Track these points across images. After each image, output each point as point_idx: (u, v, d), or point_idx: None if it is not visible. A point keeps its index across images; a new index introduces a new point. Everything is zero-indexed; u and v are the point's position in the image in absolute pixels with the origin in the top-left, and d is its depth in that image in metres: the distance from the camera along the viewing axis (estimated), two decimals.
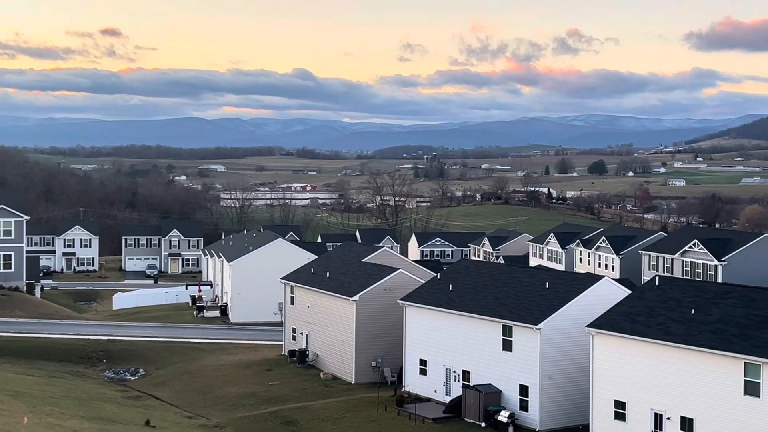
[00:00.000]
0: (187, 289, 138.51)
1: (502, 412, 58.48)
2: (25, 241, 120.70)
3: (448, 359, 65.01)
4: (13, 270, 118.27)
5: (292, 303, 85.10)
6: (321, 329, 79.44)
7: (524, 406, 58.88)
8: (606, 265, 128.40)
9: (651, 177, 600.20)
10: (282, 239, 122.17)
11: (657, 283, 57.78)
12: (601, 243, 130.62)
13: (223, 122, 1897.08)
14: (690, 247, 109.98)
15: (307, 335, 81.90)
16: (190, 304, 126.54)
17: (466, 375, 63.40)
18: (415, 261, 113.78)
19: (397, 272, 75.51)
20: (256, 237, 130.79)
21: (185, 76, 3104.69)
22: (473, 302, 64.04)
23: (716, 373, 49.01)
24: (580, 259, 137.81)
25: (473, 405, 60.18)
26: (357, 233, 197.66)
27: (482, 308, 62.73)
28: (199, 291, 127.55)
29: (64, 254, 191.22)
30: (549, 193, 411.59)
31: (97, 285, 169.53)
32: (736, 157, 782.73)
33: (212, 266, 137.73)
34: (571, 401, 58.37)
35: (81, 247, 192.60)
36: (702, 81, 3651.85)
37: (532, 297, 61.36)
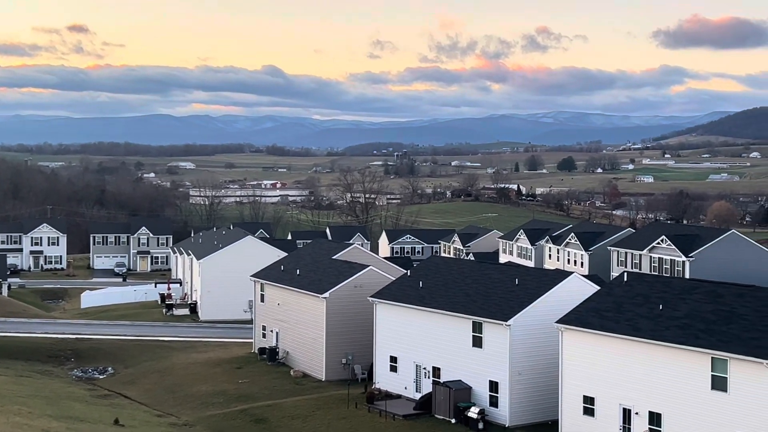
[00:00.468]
0: (156, 287, 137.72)
1: (472, 409, 58.66)
2: None
3: (418, 356, 65.11)
4: None
5: (262, 300, 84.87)
6: (291, 327, 79.29)
7: (494, 402, 59.10)
8: (575, 262, 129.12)
9: (619, 173, 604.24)
10: (252, 237, 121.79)
11: (625, 279, 58.19)
12: (570, 239, 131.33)
13: (192, 119, 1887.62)
14: (658, 243, 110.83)
15: (277, 333, 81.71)
16: (159, 302, 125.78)
17: (436, 371, 63.53)
18: (386, 258, 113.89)
19: (367, 269, 75.51)
20: (225, 234, 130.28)
21: (153, 73, 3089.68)
22: (443, 299, 64.18)
23: (684, 368, 49.44)
24: (550, 255, 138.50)
25: (443, 401, 60.32)
26: (327, 230, 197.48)
27: (452, 305, 62.88)
28: (169, 289, 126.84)
29: (31, 252, 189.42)
30: (519, 189, 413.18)
31: (65, 283, 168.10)
32: (704, 153, 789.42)
33: (181, 264, 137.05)
34: (541, 397, 58.67)
35: (48, 245, 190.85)
36: (670, 78, 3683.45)
37: (501, 293, 61.59)
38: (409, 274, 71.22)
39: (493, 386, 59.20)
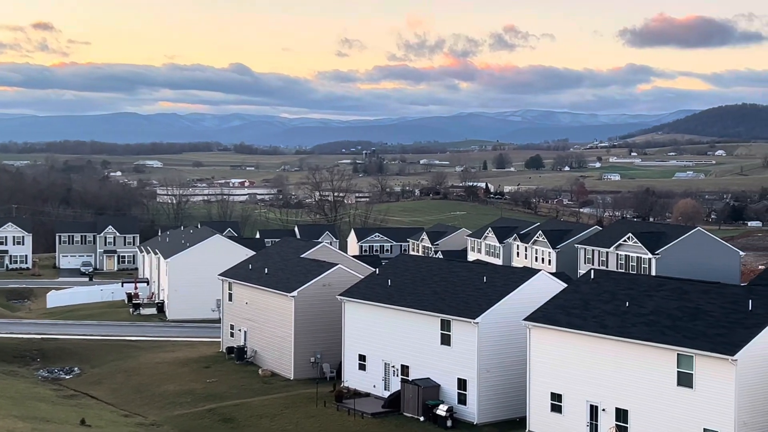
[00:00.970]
0: (123, 286, 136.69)
1: (441, 406, 58.79)
2: None
3: (387, 354, 65.16)
4: None
5: (230, 299, 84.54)
6: (259, 325, 79.05)
7: (462, 399, 59.27)
8: (543, 259, 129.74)
9: (587, 172, 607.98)
10: (219, 235, 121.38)
11: (592, 277, 58.57)
12: (537, 237, 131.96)
13: (159, 117, 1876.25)
14: (624, 241, 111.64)
15: (245, 332, 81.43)
16: (126, 302, 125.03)
17: (405, 369, 63.60)
18: (354, 256, 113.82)
19: (335, 268, 75.43)
20: (193, 233, 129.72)
21: (120, 71, 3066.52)
22: (412, 297, 64.26)
23: (650, 364, 49.83)
24: (518, 253, 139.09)
25: (412, 399, 60.41)
26: (296, 229, 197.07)
27: (421, 303, 62.98)
28: (135, 288, 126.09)
29: None
30: (487, 188, 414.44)
31: (31, 283, 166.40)
32: (670, 151, 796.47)
33: (149, 263, 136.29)
34: (509, 394, 58.94)
35: (14, 244, 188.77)
36: (636, 77, 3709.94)
37: (470, 291, 61.77)
38: (377, 272, 71.25)
39: (462, 384, 59.37)
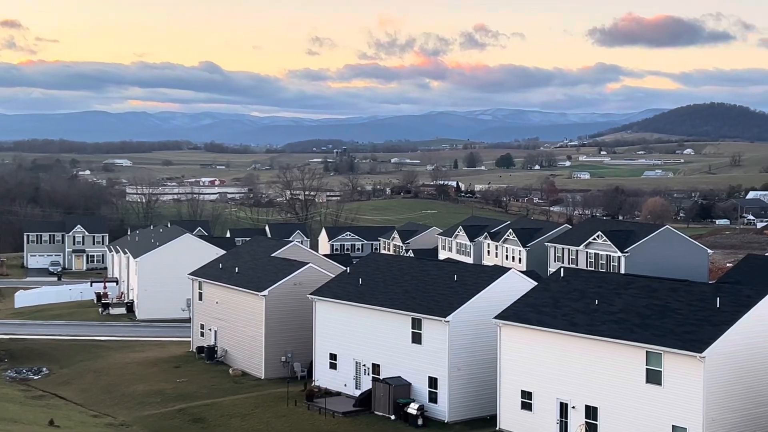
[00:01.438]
0: (92, 286, 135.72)
1: (412, 405, 58.86)
2: None
3: (358, 353, 65.14)
4: None
5: (201, 299, 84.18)
6: (230, 325, 78.77)
7: (433, 398, 59.38)
8: (513, 258, 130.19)
9: (557, 170, 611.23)
10: (189, 234, 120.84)
11: (562, 275, 58.87)
12: (508, 236, 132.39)
13: (129, 116, 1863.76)
14: (594, 239, 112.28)
15: (215, 331, 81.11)
16: (95, 302, 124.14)
17: (376, 368, 63.63)
18: (325, 255, 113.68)
19: (306, 267, 75.31)
20: (163, 232, 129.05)
21: (88, 69, 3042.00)
22: (383, 296, 64.29)
23: (619, 362, 50.17)
24: (488, 251, 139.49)
25: (383, 398, 60.44)
26: (266, 228, 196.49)
27: (392, 302, 63.02)
28: (105, 288, 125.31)
29: None
30: (458, 186, 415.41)
31: None
32: (639, 150, 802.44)
33: (118, 262, 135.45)
34: (479, 392, 59.11)
35: None
36: (605, 76, 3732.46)
37: (440, 290, 61.88)
38: (348, 271, 71.22)
39: (433, 382, 59.48)
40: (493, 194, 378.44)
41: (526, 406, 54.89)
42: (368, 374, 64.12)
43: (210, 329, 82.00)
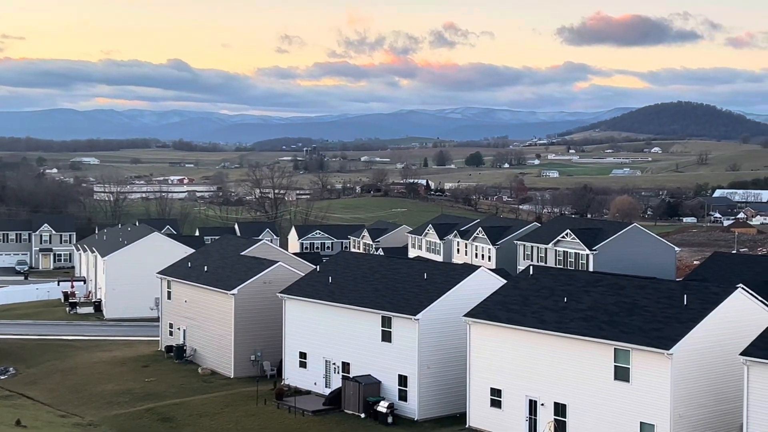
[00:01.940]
0: (59, 285, 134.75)
1: (382, 403, 58.90)
2: None
3: (327, 351, 65.09)
4: None
5: (169, 298, 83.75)
6: (199, 324, 78.43)
7: (403, 396, 59.44)
8: (483, 256, 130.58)
9: (526, 169, 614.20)
10: (158, 233, 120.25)
11: (531, 273, 59.13)
12: (477, 234, 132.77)
13: (96, 114, 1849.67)
14: (563, 237, 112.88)
15: (184, 330, 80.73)
16: (62, 301, 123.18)
17: (345, 367, 63.60)
18: (295, 254, 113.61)
19: (276, 265, 75.15)
20: (131, 231, 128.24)
21: (55, 67, 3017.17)
22: (353, 294, 64.27)
23: (588, 359, 50.48)
24: (458, 249, 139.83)
25: (353, 396, 60.43)
26: (236, 226, 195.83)
27: (362, 300, 63.02)
28: (72, 287, 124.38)
29: None
30: (427, 185, 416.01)
31: None
32: (607, 149, 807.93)
33: (85, 261, 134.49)
34: (449, 390, 59.26)
35: None
36: (574, 75, 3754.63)
37: (410, 288, 61.96)
38: (318, 269, 71.15)
39: (402, 380, 59.55)
40: (462, 192, 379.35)
41: (496, 403, 55.09)
42: (338, 373, 64.09)
43: (179, 328, 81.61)
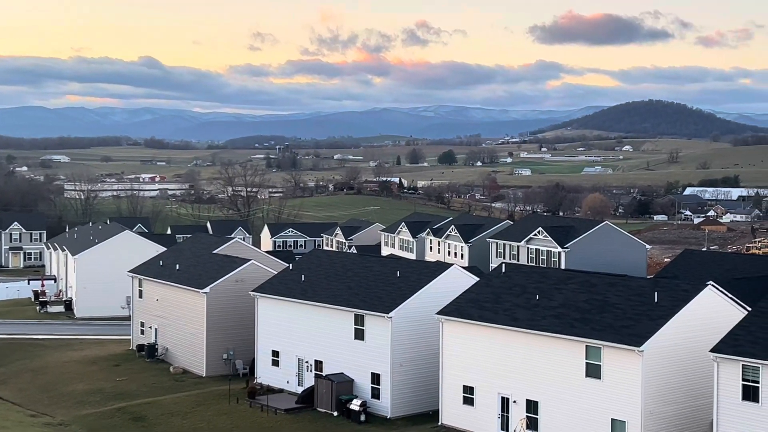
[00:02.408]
0: (29, 283, 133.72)
1: (354, 401, 58.87)
2: None
3: (300, 350, 64.97)
4: None
5: (141, 296, 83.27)
6: (171, 323, 78.05)
7: (376, 394, 59.45)
8: (455, 254, 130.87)
9: (498, 167, 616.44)
10: (129, 231, 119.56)
11: (503, 270, 59.30)
12: (450, 232, 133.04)
13: (67, 111, 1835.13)
14: (535, 235, 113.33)
15: (156, 329, 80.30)
16: (32, 300, 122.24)
17: (318, 365, 63.51)
18: (268, 252, 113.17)
19: (248, 263, 74.93)
20: (102, 229, 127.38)
21: (25, 64, 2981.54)
22: (325, 292, 64.19)
23: (560, 356, 50.70)
24: (431, 247, 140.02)
25: (325, 394, 60.36)
26: (208, 225, 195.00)
27: (334, 298, 62.95)
28: (42, 286, 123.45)
29: None
30: (400, 183, 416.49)
31: None
32: (579, 147, 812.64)
33: (56, 260, 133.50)
34: (422, 388, 59.30)
35: None
36: (546, 73, 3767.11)
37: (383, 286, 61.96)
38: (291, 268, 71.00)
39: (375, 378, 59.56)
40: (435, 190, 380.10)
41: (468, 401, 55.22)
42: (311, 371, 63.99)
43: (150, 327, 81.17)
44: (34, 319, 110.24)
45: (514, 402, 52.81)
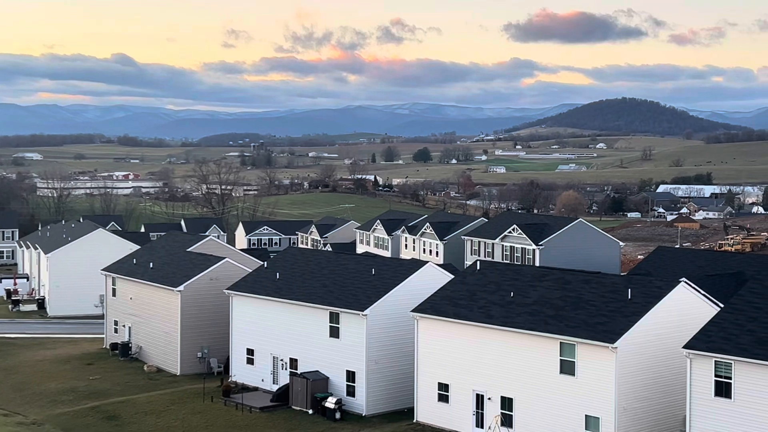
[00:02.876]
0: (1, 282, 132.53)
1: (330, 399, 58.82)
2: None
3: (275, 348, 64.82)
4: None
5: (114, 295, 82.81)
6: (144, 321, 77.68)
7: (351, 391, 59.42)
8: (430, 251, 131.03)
9: (473, 164, 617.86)
10: (103, 229, 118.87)
11: (478, 268, 59.42)
12: (425, 229, 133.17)
13: (39, 109, 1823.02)
14: (510, 232, 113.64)
15: (130, 327, 79.88)
16: (5, 298, 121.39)
17: (293, 363, 63.39)
18: (243, 250, 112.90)
19: (223, 261, 74.69)
20: (75, 227, 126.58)
21: None
22: (300, 290, 64.07)
23: (534, 353, 50.87)
24: (406, 245, 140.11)
25: (300, 392, 60.27)
26: (182, 222, 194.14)
27: (309, 296, 62.85)
28: (15, 284, 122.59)
29: None
30: (375, 180, 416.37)
31: None
32: (553, 144, 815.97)
33: (28, 258, 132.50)
34: (397, 385, 59.35)
35: None
36: (520, 71, 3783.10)
37: (358, 284, 61.93)
38: (266, 265, 70.82)
39: (350, 376, 59.52)
40: (410, 188, 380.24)
41: (443, 398, 55.30)
42: (286, 369, 63.86)
43: (124, 325, 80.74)
44: (7, 317, 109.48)
45: (489, 399, 52.94)
